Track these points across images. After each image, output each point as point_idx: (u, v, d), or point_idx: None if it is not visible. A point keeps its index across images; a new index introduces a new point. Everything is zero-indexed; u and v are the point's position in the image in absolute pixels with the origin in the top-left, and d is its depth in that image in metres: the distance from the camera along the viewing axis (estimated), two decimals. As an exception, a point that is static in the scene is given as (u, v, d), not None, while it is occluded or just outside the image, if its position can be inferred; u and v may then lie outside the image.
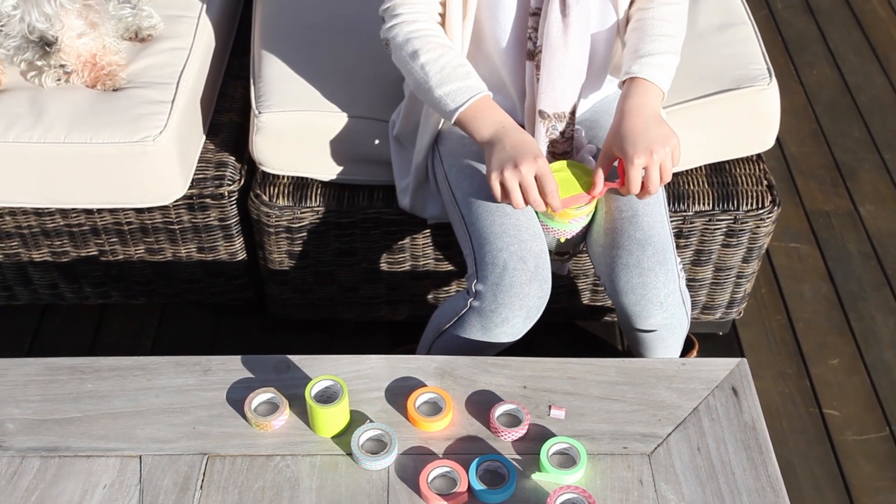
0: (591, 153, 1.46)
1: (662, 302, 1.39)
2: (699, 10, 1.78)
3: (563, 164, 1.39)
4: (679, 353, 1.57)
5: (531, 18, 1.38)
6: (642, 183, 1.31)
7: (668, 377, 1.28)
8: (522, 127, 1.45)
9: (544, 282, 1.38)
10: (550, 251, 1.46)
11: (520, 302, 1.36)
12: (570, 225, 1.42)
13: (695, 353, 1.84)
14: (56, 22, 1.57)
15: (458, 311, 1.44)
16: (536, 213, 1.43)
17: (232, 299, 1.92)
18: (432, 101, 1.38)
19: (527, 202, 1.31)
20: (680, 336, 1.50)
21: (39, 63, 1.65)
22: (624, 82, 1.37)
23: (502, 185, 1.30)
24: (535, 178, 1.30)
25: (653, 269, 1.37)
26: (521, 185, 1.30)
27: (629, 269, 1.38)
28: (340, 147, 1.64)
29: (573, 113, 1.43)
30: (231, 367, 1.29)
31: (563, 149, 1.45)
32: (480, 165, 1.45)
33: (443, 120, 1.51)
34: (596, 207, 1.44)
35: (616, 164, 1.36)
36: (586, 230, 1.46)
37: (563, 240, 1.46)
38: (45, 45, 1.64)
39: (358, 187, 1.69)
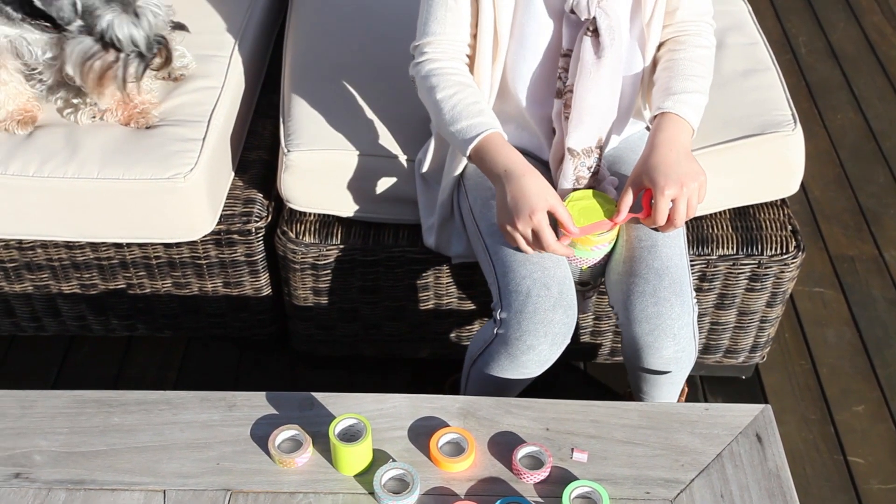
0: (614, 185, 1.48)
1: (676, 334, 1.39)
2: (724, 55, 1.80)
3: (586, 192, 1.42)
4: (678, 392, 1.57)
5: (562, 59, 1.41)
6: (668, 216, 1.33)
7: (691, 422, 1.28)
8: (545, 163, 1.47)
9: (569, 308, 1.39)
10: (574, 281, 1.47)
11: (544, 328, 1.37)
12: (592, 252, 1.43)
13: (684, 398, 1.81)
14: None
15: (487, 340, 1.45)
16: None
17: (256, 334, 1.93)
18: (448, 136, 1.42)
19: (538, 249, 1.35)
20: (685, 372, 1.50)
21: (75, 101, 1.69)
22: (655, 117, 1.39)
23: (508, 236, 1.36)
24: (534, 232, 1.33)
25: (668, 298, 1.38)
26: (524, 238, 1.34)
27: (645, 297, 1.38)
28: (367, 185, 1.66)
29: (600, 149, 1.45)
30: (256, 404, 1.30)
31: (589, 183, 1.47)
32: None
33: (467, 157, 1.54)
34: (617, 236, 1.46)
35: (640, 195, 1.37)
36: (608, 258, 1.47)
37: (585, 268, 1.47)
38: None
39: (383, 225, 1.71)
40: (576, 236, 1.36)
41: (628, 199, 1.36)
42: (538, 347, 1.38)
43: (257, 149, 1.86)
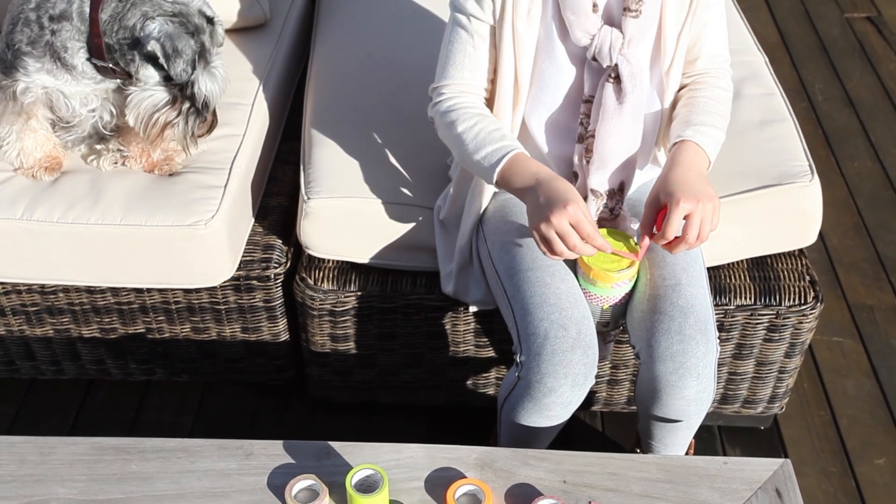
0: (635, 226, 1.49)
1: (699, 373, 1.39)
2: (741, 106, 1.81)
3: (605, 230, 1.43)
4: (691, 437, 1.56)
5: (584, 105, 1.43)
6: (680, 236, 1.33)
7: (710, 476, 1.27)
8: None
9: (588, 348, 1.39)
10: (595, 321, 1.47)
11: (564, 370, 1.37)
12: (612, 290, 1.44)
13: (692, 451, 1.79)
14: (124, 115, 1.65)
15: (510, 385, 1.46)
16: (579, 280, 1.45)
17: (273, 379, 1.94)
18: (473, 166, 1.43)
19: (571, 250, 1.32)
20: (702, 416, 1.49)
21: (98, 147, 1.72)
22: (674, 145, 1.41)
23: (543, 239, 1.33)
24: (572, 225, 1.31)
25: (694, 337, 1.38)
26: (559, 235, 1.31)
27: (670, 335, 1.38)
28: (386, 233, 1.68)
29: (622, 191, 1.46)
30: (273, 452, 1.30)
31: (610, 225, 1.48)
32: (523, 241, 1.48)
33: (485, 202, 1.55)
34: (638, 275, 1.46)
35: (653, 224, 1.38)
36: (629, 298, 1.47)
37: (606, 307, 1.47)
38: (103, 128, 1.71)
39: (401, 272, 1.72)
40: (602, 243, 1.35)
41: (650, 220, 1.36)
42: (559, 389, 1.38)
43: (277, 195, 1.88)
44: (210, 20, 1.58)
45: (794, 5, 3.38)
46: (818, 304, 1.66)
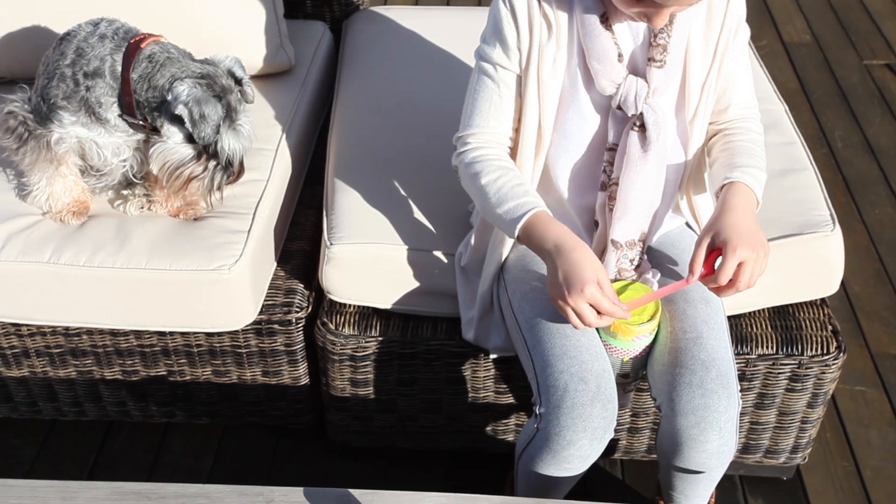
0: (655, 277, 1.49)
1: (721, 427, 1.38)
2: (761, 155, 1.82)
3: (626, 282, 1.44)
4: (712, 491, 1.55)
5: (607, 153, 1.44)
6: (731, 279, 1.33)
7: (733, 529, 1.25)
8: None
9: (608, 402, 1.38)
10: (615, 373, 1.47)
11: (583, 423, 1.36)
12: (633, 343, 1.43)
13: (713, 502, 1.78)
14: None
15: (529, 435, 1.45)
16: (599, 332, 1.45)
17: (292, 423, 1.94)
18: (495, 219, 1.44)
19: (588, 325, 1.33)
20: (723, 468, 1.48)
21: (125, 192, 1.75)
22: (722, 187, 1.42)
23: (560, 310, 1.34)
24: (590, 304, 1.32)
25: (716, 390, 1.37)
26: (576, 313, 1.32)
27: (692, 389, 1.38)
28: (407, 279, 1.69)
29: (643, 242, 1.46)
30: (293, 500, 1.30)
31: (630, 276, 1.48)
32: (543, 292, 1.49)
33: (506, 251, 1.56)
34: (658, 327, 1.46)
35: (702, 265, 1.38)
36: (649, 350, 1.47)
37: (626, 359, 1.47)
38: (133, 176, 1.73)
39: (422, 318, 1.73)
40: (622, 315, 1.35)
41: (700, 258, 1.36)
42: (578, 443, 1.38)
43: (299, 239, 1.90)
44: (238, 81, 1.61)
45: (812, 52, 3.40)
46: (841, 354, 1.66)
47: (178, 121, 1.55)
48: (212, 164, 1.60)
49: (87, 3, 1.88)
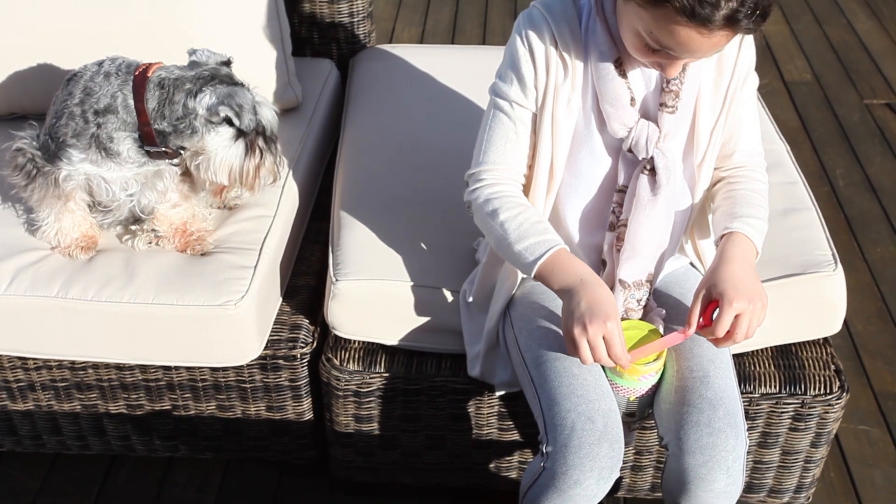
0: (661, 316, 1.50)
1: (729, 466, 1.38)
2: (763, 194, 1.83)
3: (633, 322, 1.45)
4: None
5: (617, 194, 1.46)
6: (729, 330, 1.35)
7: (737, 571, 1.25)
8: None
9: (615, 441, 1.39)
10: (621, 412, 1.48)
11: (590, 463, 1.37)
12: (639, 383, 1.44)
13: None
14: (162, 197, 1.70)
15: (535, 474, 1.45)
16: (605, 371, 1.45)
17: (296, 458, 1.94)
18: (512, 256, 1.44)
19: (595, 359, 1.35)
20: None
21: (133, 227, 1.76)
22: (722, 237, 1.43)
23: (572, 342, 1.35)
24: (605, 339, 1.33)
25: (724, 429, 1.38)
26: (589, 344, 1.34)
27: (699, 428, 1.38)
28: (412, 315, 1.70)
29: (650, 282, 1.48)
30: (297, 537, 1.30)
31: (637, 315, 1.50)
32: (550, 330, 1.50)
33: (514, 287, 1.57)
34: (665, 366, 1.46)
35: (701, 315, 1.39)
36: (655, 389, 1.47)
37: (632, 398, 1.47)
38: (140, 212, 1.75)
39: (426, 354, 1.74)
40: (624, 367, 1.37)
41: (696, 311, 1.38)
42: (585, 482, 1.38)
43: (305, 275, 1.91)
44: (227, 63, 1.66)
45: (813, 91, 3.44)
46: (844, 394, 1.66)
47: (218, 126, 1.59)
48: (260, 142, 1.63)
49: (93, 41, 1.91)
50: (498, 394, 1.67)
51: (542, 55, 1.40)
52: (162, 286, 1.67)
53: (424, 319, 1.70)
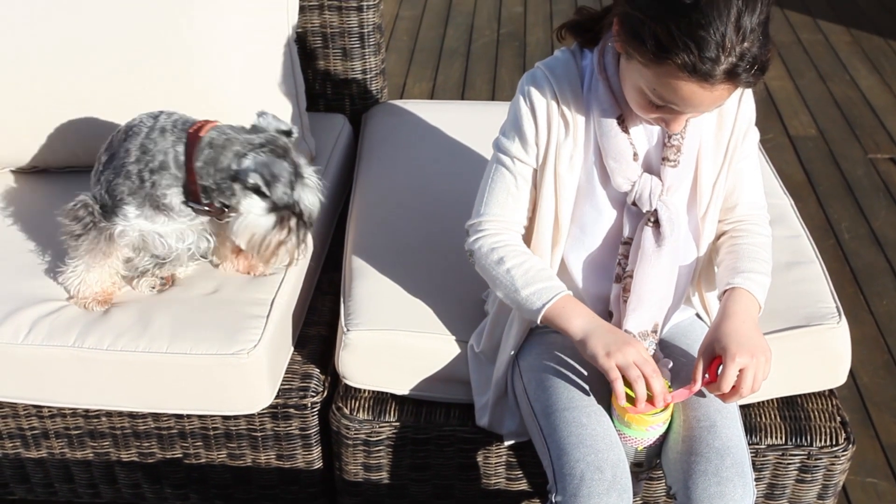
0: (668, 366, 1.52)
1: None
2: (767, 247, 1.86)
3: None
4: None
5: (622, 246, 1.50)
6: (734, 385, 1.37)
7: None
8: None
9: (623, 491, 1.40)
10: (628, 462, 1.49)
11: None
12: (647, 433, 1.46)
13: None
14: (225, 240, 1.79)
15: None
16: (613, 421, 1.47)
17: (304, 507, 1.95)
18: (519, 302, 1.48)
19: (646, 376, 1.38)
20: None
21: (156, 271, 1.80)
22: (725, 292, 1.46)
23: (619, 367, 1.39)
24: (636, 363, 1.38)
25: (731, 479, 1.39)
26: (623, 367, 1.38)
27: (707, 477, 1.39)
28: (422, 365, 1.72)
29: (656, 333, 1.51)
30: (307, 584, 1.31)
31: None
32: (560, 380, 1.52)
33: (522, 337, 1.60)
34: (672, 416, 1.48)
35: (706, 371, 1.42)
36: (663, 439, 1.49)
37: (640, 448, 1.49)
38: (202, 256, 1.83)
39: (435, 404, 1.76)
40: (637, 412, 1.39)
41: (700, 368, 1.41)
42: None
43: (316, 324, 1.94)
44: (287, 133, 1.69)
45: (818, 145, 3.49)
46: (850, 445, 1.67)
47: (253, 193, 1.61)
48: (293, 222, 1.65)
49: (110, 99, 1.97)
50: (507, 443, 1.69)
51: (543, 113, 1.45)
52: (176, 335, 1.71)
53: (434, 369, 1.73)
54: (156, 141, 1.64)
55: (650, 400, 1.41)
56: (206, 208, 1.67)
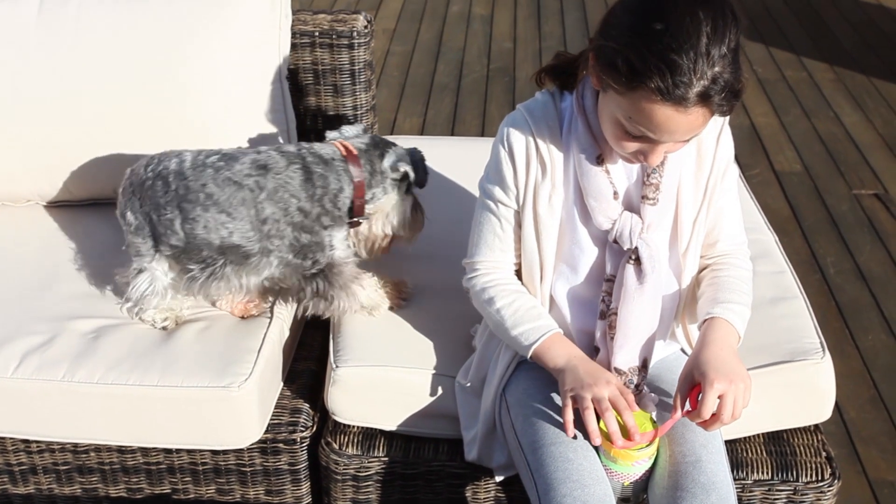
0: (654, 402, 1.54)
1: None
2: (753, 282, 1.88)
3: None
4: None
5: (606, 283, 1.52)
6: (715, 413, 1.38)
7: None
8: None
9: None
10: (615, 497, 1.50)
11: None
12: (633, 468, 1.47)
13: None
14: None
15: None
16: (600, 456, 1.48)
17: (293, 543, 1.94)
18: (509, 340, 1.53)
19: (600, 416, 1.39)
20: None
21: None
22: (704, 321, 1.48)
23: (574, 400, 1.41)
24: (610, 399, 1.40)
25: None
26: (596, 400, 1.40)
27: None
28: (410, 400, 1.73)
29: (645, 367, 1.52)
30: None
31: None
32: (547, 414, 1.53)
33: (509, 371, 1.62)
34: (658, 451, 1.49)
35: (686, 399, 1.43)
36: (649, 474, 1.50)
37: (626, 483, 1.49)
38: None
39: (424, 439, 1.76)
40: (632, 432, 1.40)
41: (679, 396, 1.43)
42: None
43: (306, 359, 1.95)
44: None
45: (803, 181, 3.53)
46: (836, 481, 1.68)
47: (398, 183, 1.82)
48: (418, 200, 1.90)
49: (102, 134, 1.99)
50: (497, 478, 1.69)
51: (522, 155, 1.49)
52: (166, 368, 1.71)
53: (422, 404, 1.73)
54: (322, 177, 1.73)
55: (630, 436, 1.42)
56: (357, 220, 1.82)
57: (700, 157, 1.51)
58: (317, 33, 2.26)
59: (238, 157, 1.71)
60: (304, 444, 1.80)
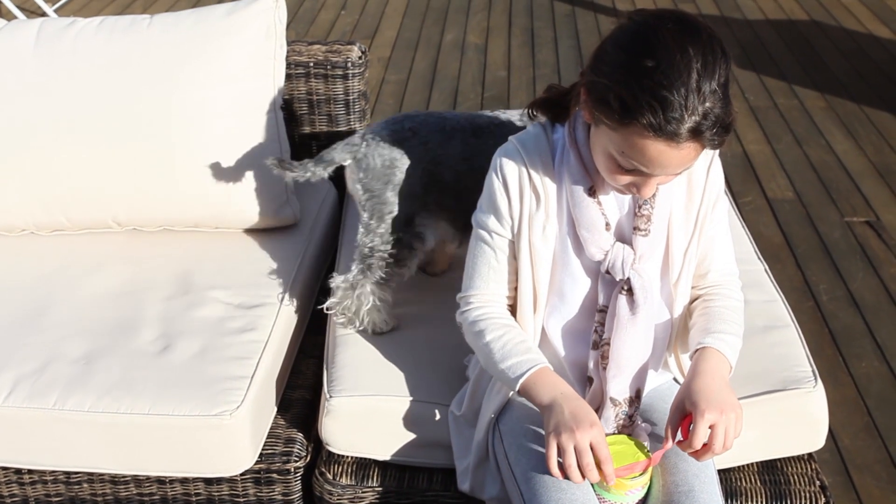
0: (647, 431, 1.54)
1: None
2: (745, 311, 1.89)
3: (619, 437, 1.48)
4: None
5: (598, 314, 1.52)
6: (706, 443, 1.38)
7: None
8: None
9: None
10: None
11: None
12: (626, 497, 1.46)
13: None
14: None
15: None
16: (593, 486, 1.48)
17: (286, 574, 1.93)
18: (497, 373, 1.52)
19: (580, 468, 1.37)
20: None
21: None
22: (696, 351, 1.48)
23: (558, 448, 1.38)
24: (590, 445, 1.37)
25: None
26: (575, 450, 1.37)
27: None
28: (404, 430, 1.73)
29: (639, 397, 1.53)
30: None
31: (626, 430, 1.54)
32: (539, 445, 1.53)
33: (501, 402, 1.61)
34: (651, 481, 1.49)
35: (678, 429, 1.43)
36: (643, 503, 1.50)
37: None
38: None
39: (417, 469, 1.76)
40: (608, 480, 1.40)
41: (670, 425, 1.42)
42: None
43: (300, 388, 1.95)
44: None
45: (795, 208, 3.55)
46: (830, 510, 1.68)
47: None
48: None
49: (98, 166, 1.99)
50: (488, 506, 1.69)
51: (515, 186, 1.50)
52: (158, 396, 1.71)
53: (416, 435, 1.73)
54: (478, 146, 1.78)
55: (606, 479, 1.42)
56: None
57: (690, 189, 1.52)
58: (312, 64, 2.28)
59: None
60: (298, 475, 1.79)
